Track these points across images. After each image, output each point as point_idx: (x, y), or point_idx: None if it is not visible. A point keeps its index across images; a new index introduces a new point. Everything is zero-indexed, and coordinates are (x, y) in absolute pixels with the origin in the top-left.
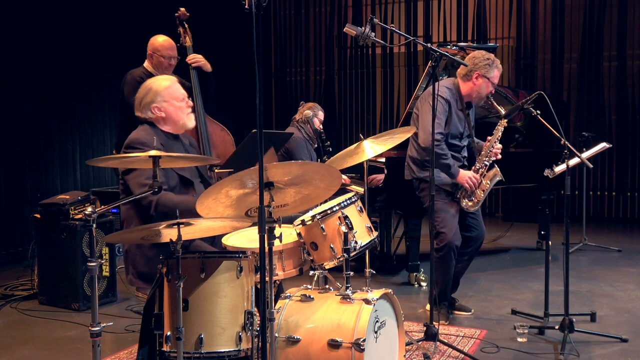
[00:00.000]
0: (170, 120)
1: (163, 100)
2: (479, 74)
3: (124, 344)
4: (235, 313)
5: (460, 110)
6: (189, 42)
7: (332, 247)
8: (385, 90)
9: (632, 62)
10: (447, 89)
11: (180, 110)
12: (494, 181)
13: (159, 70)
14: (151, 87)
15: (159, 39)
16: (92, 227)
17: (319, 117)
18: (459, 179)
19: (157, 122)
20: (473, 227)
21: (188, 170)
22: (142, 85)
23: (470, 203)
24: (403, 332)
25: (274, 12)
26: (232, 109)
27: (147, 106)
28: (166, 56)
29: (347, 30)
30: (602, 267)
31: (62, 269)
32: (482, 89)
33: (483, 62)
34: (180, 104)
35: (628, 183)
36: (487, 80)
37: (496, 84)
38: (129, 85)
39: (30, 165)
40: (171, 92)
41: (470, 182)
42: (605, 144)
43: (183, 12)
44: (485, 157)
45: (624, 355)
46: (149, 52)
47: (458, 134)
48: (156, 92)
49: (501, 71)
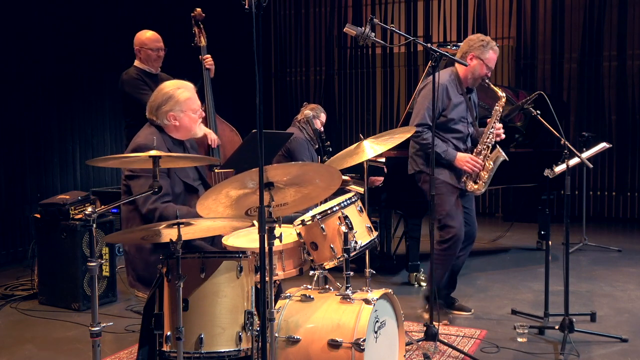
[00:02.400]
0: (182, 129)
1: (181, 110)
2: (474, 55)
3: (124, 344)
4: (235, 313)
5: (461, 94)
6: (204, 42)
7: (332, 247)
8: (385, 90)
9: (632, 62)
10: (445, 75)
11: (194, 122)
12: (497, 162)
13: (149, 64)
14: (172, 95)
15: (145, 34)
16: (92, 227)
17: (321, 119)
18: (457, 162)
19: (168, 129)
20: (466, 223)
21: (192, 176)
22: (161, 90)
23: (475, 186)
24: (403, 332)
25: (274, 12)
26: (232, 109)
27: (164, 113)
28: (154, 48)
29: (347, 30)
30: (602, 267)
31: (62, 269)
32: (476, 70)
33: (477, 43)
34: (195, 116)
35: (628, 183)
36: (481, 61)
37: (492, 67)
38: (129, 84)
39: (30, 165)
40: (190, 103)
41: (470, 164)
42: (605, 144)
43: (199, 12)
44: (486, 138)
45: (624, 355)
46: (136, 47)
47: (460, 119)
48: (177, 102)
49: (497, 53)
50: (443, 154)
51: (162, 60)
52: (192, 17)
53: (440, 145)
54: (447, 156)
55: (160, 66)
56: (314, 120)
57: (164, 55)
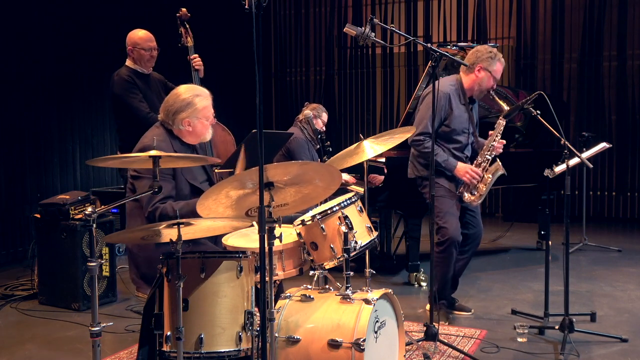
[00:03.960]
0: (194, 134)
1: (197, 118)
2: (482, 67)
3: (124, 344)
4: (235, 313)
5: (464, 105)
6: (191, 42)
7: (332, 247)
8: (385, 90)
9: (632, 62)
10: (449, 84)
11: (206, 128)
12: (496, 175)
13: (141, 64)
14: (191, 102)
15: (137, 33)
16: (92, 227)
17: (322, 119)
18: (456, 172)
19: (179, 133)
20: (471, 225)
21: (199, 178)
22: (179, 95)
23: (472, 197)
24: (403, 332)
25: (274, 12)
26: (232, 109)
27: (180, 120)
28: (146, 48)
29: (347, 30)
30: (602, 267)
31: (62, 269)
32: (483, 82)
33: (486, 54)
34: (208, 123)
35: (628, 183)
36: (489, 73)
37: (498, 79)
38: (119, 85)
39: (30, 165)
40: (206, 112)
41: (469, 175)
42: (605, 144)
43: (184, 12)
44: (487, 151)
45: (624, 355)
46: (129, 47)
47: (461, 130)
48: (195, 110)
49: (504, 65)
50: (443, 164)
51: (155, 60)
52: (177, 17)
53: (441, 155)
54: (447, 166)
55: (153, 66)
56: (315, 120)
57: (156, 55)
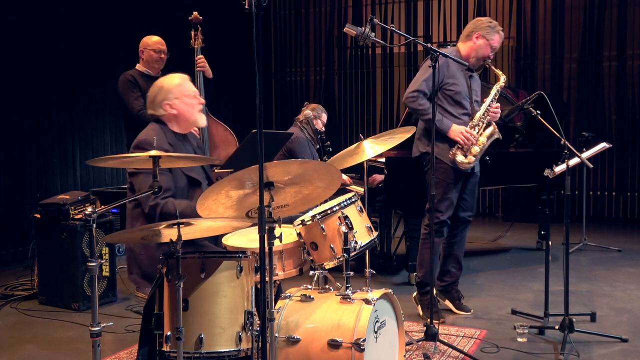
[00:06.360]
0: (181, 118)
1: (174, 97)
2: (480, 35)
3: (124, 344)
4: (235, 313)
5: (462, 72)
6: (199, 45)
7: (332, 247)
8: (385, 90)
9: (632, 62)
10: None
11: (192, 107)
12: (491, 139)
13: (150, 65)
14: (162, 85)
15: (151, 38)
16: (92, 227)
17: (322, 119)
18: (450, 132)
19: (169, 121)
20: (463, 208)
21: (196, 171)
22: (154, 84)
23: (465, 160)
24: (403, 332)
25: (274, 12)
26: (232, 109)
27: (159, 104)
28: (156, 50)
29: (347, 30)
30: (602, 267)
31: (62, 269)
32: (480, 49)
33: (485, 24)
34: (192, 101)
35: (628, 183)
36: (486, 41)
37: (496, 49)
38: (121, 84)
39: (30, 165)
40: (182, 89)
41: (463, 136)
42: (605, 144)
43: (196, 15)
44: (482, 114)
45: (624, 355)
46: (141, 49)
47: (465, 94)
48: (168, 90)
49: (502, 38)
50: (438, 123)
51: (164, 63)
52: (189, 20)
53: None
54: (441, 126)
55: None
56: (315, 121)
57: (165, 59)
